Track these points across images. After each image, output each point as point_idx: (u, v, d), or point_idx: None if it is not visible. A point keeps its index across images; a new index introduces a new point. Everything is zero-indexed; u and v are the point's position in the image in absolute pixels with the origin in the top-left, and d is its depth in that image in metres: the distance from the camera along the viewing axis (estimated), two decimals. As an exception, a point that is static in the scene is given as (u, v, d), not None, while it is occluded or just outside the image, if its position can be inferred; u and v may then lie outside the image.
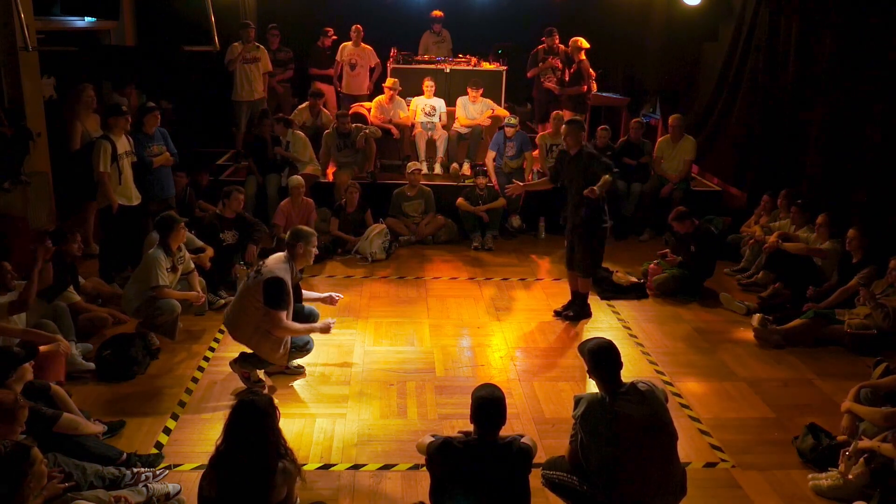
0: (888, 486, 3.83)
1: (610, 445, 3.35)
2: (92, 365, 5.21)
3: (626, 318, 6.58)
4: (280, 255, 5.11)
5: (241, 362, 5.10)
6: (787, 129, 8.14)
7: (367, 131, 8.81)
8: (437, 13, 10.86)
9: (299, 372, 5.39)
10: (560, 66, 9.82)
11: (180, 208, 7.44)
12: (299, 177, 8.03)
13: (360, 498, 4.04)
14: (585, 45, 9.57)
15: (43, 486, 3.19)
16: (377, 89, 10.16)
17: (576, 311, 6.45)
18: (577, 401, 3.49)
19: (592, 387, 3.80)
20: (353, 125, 8.86)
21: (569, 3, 11.67)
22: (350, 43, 10.07)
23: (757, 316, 6.23)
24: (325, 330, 5.20)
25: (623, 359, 3.59)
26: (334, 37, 10.37)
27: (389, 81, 9.53)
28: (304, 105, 9.57)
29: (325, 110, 9.45)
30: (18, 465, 3.01)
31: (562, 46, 9.86)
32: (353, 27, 10.03)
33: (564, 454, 3.63)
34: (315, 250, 5.24)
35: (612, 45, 11.69)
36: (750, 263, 7.51)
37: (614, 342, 3.64)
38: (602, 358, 3.51)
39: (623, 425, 3.36)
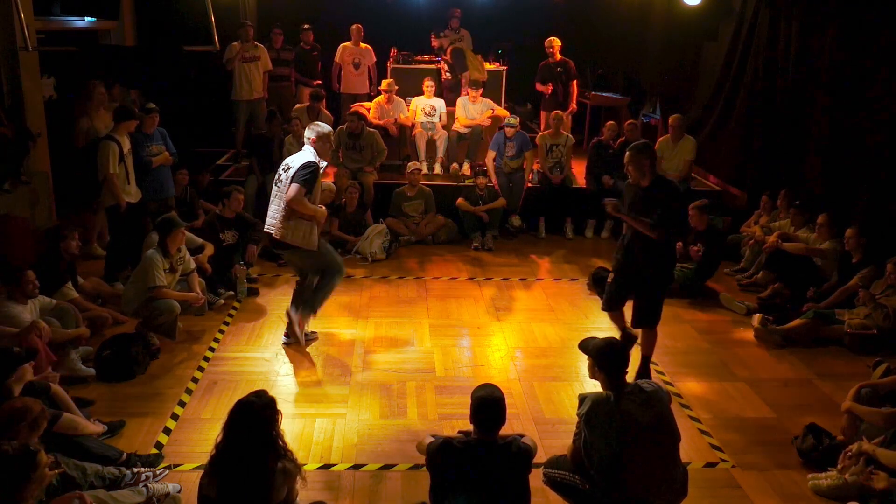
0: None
1: (614, 445, 3.34)
2: (92, 371, 5.19)
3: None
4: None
5: (290, 320, 5.70)
6: (788, 128, 8.14)
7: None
8: (455, 11, 10.77)
9: (313, 338, 5.86)
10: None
11: (181, 208, 7.44)
12: None
13: (360, 498, 4.04)
14: (558, 42, 9.75)
15: (43, 489, 3.19)
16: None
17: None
18: (582, 399, 3.48)
19: (593, 386, 3.79)
20: (367, 129, 8.81)
21: (569, 3, 11.67)
22: (350, 43, 10.06)
23: (757, 316, 6.23)
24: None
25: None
26: (311, 32, 10.31)
27: (384, 83, 9.50)
28: (302, 106, 9.56)
29: (325, 111, 9.44)
30: (23, 469, 3.02)
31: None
32: (354, 26, 10.02)
33: (566, 453, 3.62)
34: (331, 145, 5.60)
35: (612, 45, 11.70)
36: (750, 263, 7.50)
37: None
38: (609, 357, 3.50)
39: (627, 425, 3.36)
